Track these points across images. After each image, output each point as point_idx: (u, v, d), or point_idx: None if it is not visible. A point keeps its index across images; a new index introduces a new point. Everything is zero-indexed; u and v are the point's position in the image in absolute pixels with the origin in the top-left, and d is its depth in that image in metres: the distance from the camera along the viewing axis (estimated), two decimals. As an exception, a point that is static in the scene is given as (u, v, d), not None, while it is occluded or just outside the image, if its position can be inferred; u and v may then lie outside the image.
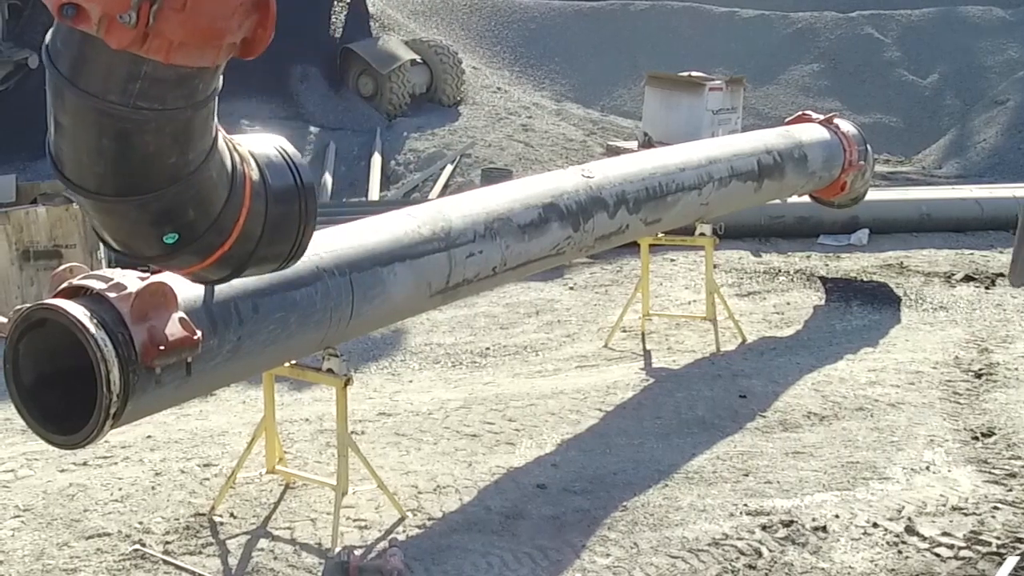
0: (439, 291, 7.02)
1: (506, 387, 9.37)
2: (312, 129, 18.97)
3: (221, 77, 3.48)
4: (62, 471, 7.48)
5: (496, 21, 25.56)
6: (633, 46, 25.39)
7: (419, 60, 20.33)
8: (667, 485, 7.34)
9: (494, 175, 14.70)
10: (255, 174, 4.03)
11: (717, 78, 18.42)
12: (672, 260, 13.46)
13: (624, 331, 10.81)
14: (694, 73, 18.53)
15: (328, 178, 17.28)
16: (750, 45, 25.50)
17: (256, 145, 4.18)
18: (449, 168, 17.67)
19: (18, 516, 6.85)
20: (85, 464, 7.58)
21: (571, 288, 12.73)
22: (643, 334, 10.73)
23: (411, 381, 9.71)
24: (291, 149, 4.32)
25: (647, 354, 10.28)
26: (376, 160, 17.83)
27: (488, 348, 10.58)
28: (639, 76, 22.56)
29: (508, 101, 21.44)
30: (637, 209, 8.87)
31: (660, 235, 10.23)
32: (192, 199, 3.66)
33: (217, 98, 3.51)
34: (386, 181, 17.59)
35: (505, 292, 12.20)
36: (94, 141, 3.33)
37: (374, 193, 16.72)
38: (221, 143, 3.78)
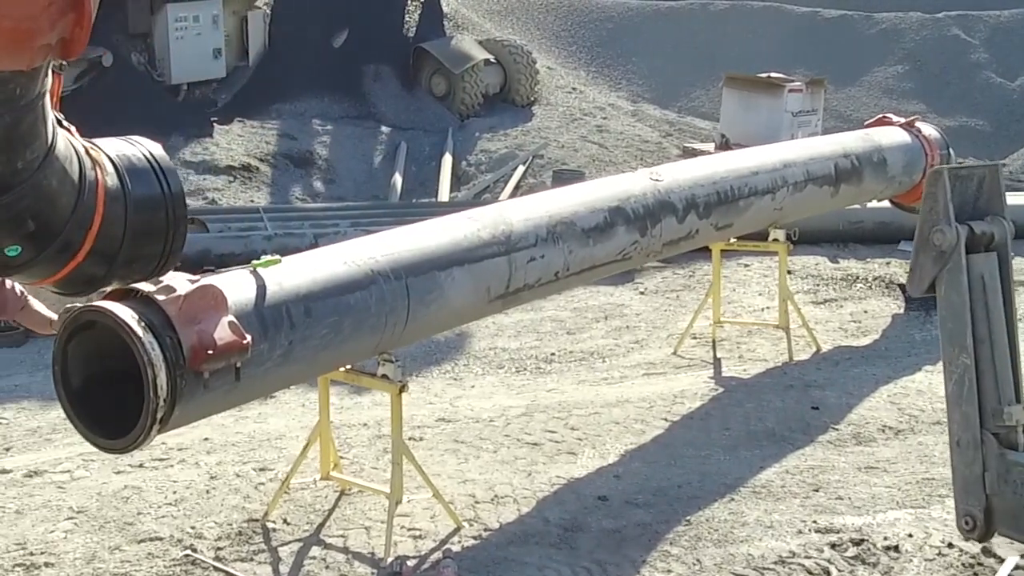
0: (499, 296, 6.86)
1: (570, 394, 9.20)
2: (383, 129, 18.91)
3: (48, 79, 3.31)
4: (118, 473, 7.45)
5: (573, 21, 25.38)
6: (712, 46, 25.07)
7: (493, 60, 20.19)
8: (733, 499, 7.13)
9: (566, 177, 14.49)
10: (111, 180, 3.83)
11: (797, 79, 18.05)
12: (746, 266, 13.19)
13: (694, 338, 10.59)
14: (773, 74, 18.18)
15: (398, 178, 17.21)
16: (832, 46, 25.05)
17: (117, 150, 3.95)
18: (521, 169, 17.51)
19: (72, 518, 6.82)
20: (141, 466, 7.54)
21: (641, 293, 12.52)
22: (714, 341, 10.50)
23: (473, 386, 9.57)
24: (158, 152, 4.10)
25: (717, 362, 10.05)
26: (447, 160, 17.73)
27: (553, 354, 10.41)
28: (718, 77, 22.20)
29: (583, 102, 21.24)
30: (707, 214, 8.63)
31: (732, 240, 9.98)
32: (28, 209, 3.46)
33: (47, 100, 3.33)
34: (456, 182, 17.48)
35: (573, 296, 12.03)
36: None
37: (444, 194, 16.61)
38: (63, 148, 3.58)
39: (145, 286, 4.96)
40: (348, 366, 6.52)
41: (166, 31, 17.88)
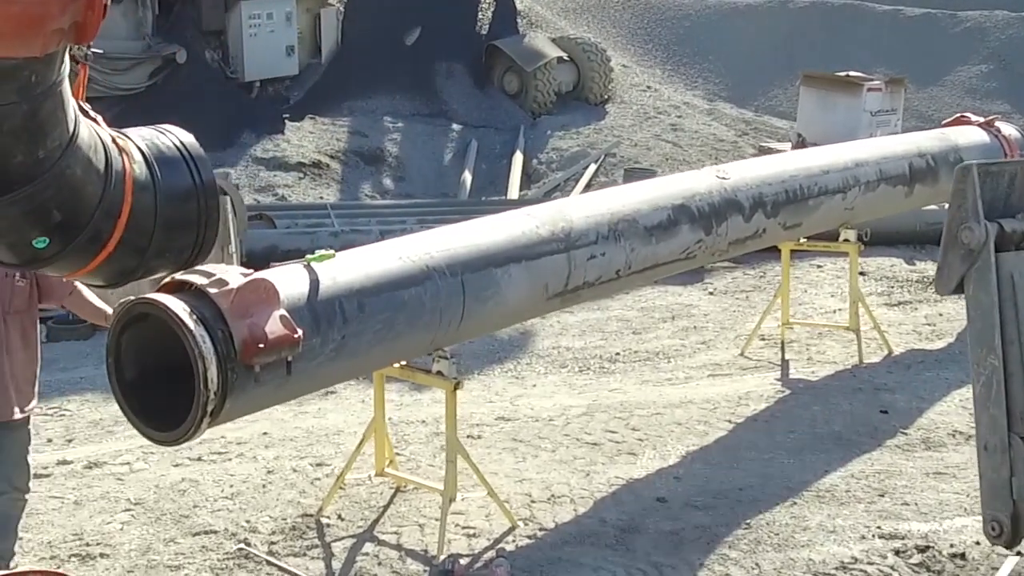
0: (557, 294, 6.77)
1: (633, 394, 9.10)
2: (454, 127, 18.91)
3: (65, 67, 3.28)
4: (176, 466, 7.50)
5: (649, 19, 25.20)
6: (791, 44, 24.72)
7: (566, 57, 20.10)
8: (795, 503, 7.00)
9: (637, 175, 14.34)
10: (140, 169, 3.78)
11: (876, 78, 17.73)
12: (819, 267, 12.98)
13: (762, 339, 10.43)
14: (852, 73, 17.89)
15: (467, 176, 17.20)
16: (914, 45, 24.57)
17: (146, 139, 3.93)
18: (592, 167, 17.41)
19: (129, 510, 6.87)
20: (199, 459, 7.58)
21: (710, 293, 12.38)
22: (782, 343, 10.33)
23: (535, 385, 9.51)
24: (190, 141, 4.04)
25: (785, 364, 9.89)
26: (518, 158, 17.68)
27: (618, 353, 10.32)
28: (796, 75, 21.90)
29: (658, 100, 21.07)
30: (775, 213, 8.47)
31: (802, 240, 9.81)
32: (53, 199, 3.43)
33: (66, 88, 3.31)
34: (527, 180, 17.42)
35: (640, 295, 11.92)
36: None
37: (513, 192, 16.56)
38: (87, 137, 3.55)
39: (198, 279, 4.97)
40: (403, 362, 6.48)
41: (240, 28, 18.05)
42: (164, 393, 5.05)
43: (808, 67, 20.38)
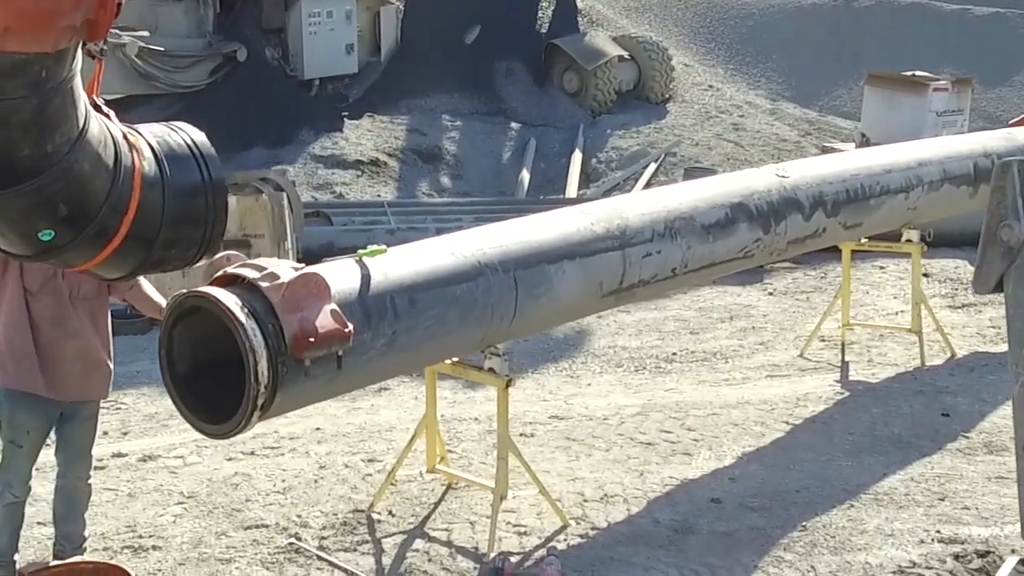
0: (612, 291, 6.69)
1: (689, 395, 9.03)
2: (513, 125, 18.89)
3: (77, 61, 3.27)
4: (229, 460, 7.54)
5: (711, 17, 25.03)
6: (856, 44, 24.45)
7: (627, 56, 20.01)
8: (853, 506, 6.89)
9: (698, 174, 14.23)
10: (149, 166, 3.78)
11: (943, 78, 17.47)
12: (881, 267, 12.82)
13: (822, 340, 10.30)
14: (918, 73, 17.64)
15: (525, 175, 17.16)
16: (983, 44, 24.20)
17: (157, 136, 3.93)
18: (652, 167, 17.32)
19: (181, 503, 6.91)
20: (252, 454, 7.62)
21: (770, 293, 12.26)
22: (842, 344, 10.20)
23: (589, 384, 9.47)
24: (200, 139, 4.04)
25: (845, 366, 9.77)
26: (576, 157, 17.62)
27: (675, 353, 10.24)
28: (861, 75, 21.67)
29: (719, 99, 20.93)
30: (835, 212, 8.33)
31: (863, 240, 9.66)
32: (60, 194, 3.44)
33: (77, 83, 3.31)
34: (585, 179, 17.36)
35: (698, 295, 11.82)
36: None
37: (572, 191, 16.51)
38: (97, 132, 3.55)
39: (250, 273, 4.97)
40: (455, 359, 6.45)
41: (300, 26, 18.16)
42: (216, 386, 5.06)
43: (873, 66, 20.14)
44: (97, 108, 3.66)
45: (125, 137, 3.72)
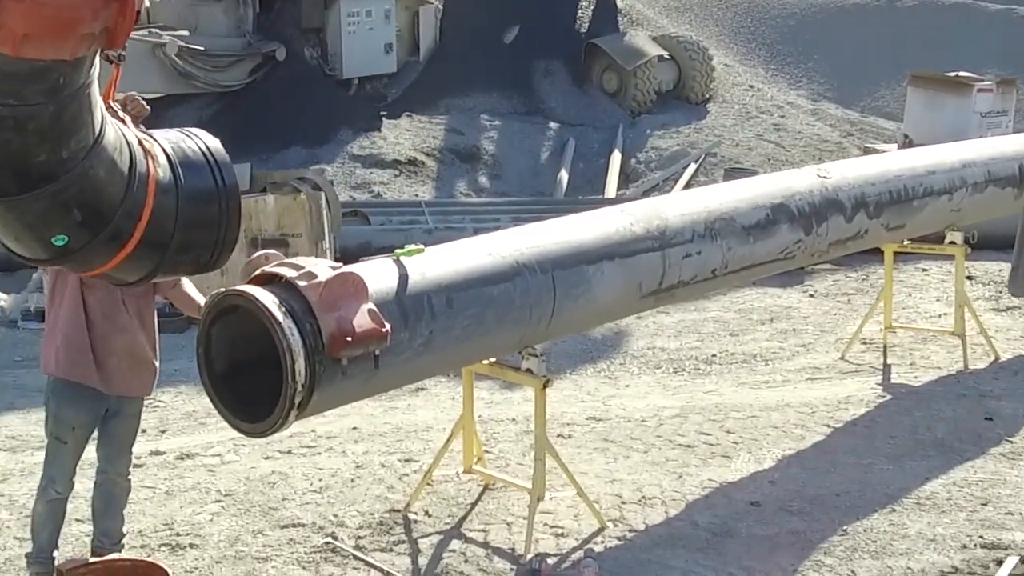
0: (651, 292, 6.65)
1: (728, 397, 8.97)
2: (552, 125, 18.83)
3: (94, 68, 3.28)
4: (266, 458, 7.55)
5: (752, 17, 24.88)
6: (899, 44, 24.20)
7: (667, 56, 19.92)
8: (894, 510, 6.81)
9: (738, 175, 14.15)
10: (163, 172, 3.80)
11: (987, 79, 17.28)
12: (924, 270, 12.69)
13: (864, 343, 10.20)
14: (962, 73, 17.45)
15: (564, 175, 17.12)
16: (1029, 45, 23.91)
17: (172, 142, 3.94)
18: (692, 167, 17.23)
19: (219, 501, 6.93)
20: (289, 452, 7.63)
21: (811, 295, 12.17)
22: (884, 347, 10.08)
23: (628, 386, 9.42)
24: (215, 145, 4.05)
25: (886, 368, 9.66)
26: (616, 157, 17.55)
27: (714, 355, 10.17)
28: (904, 75, 21.44)
29: (760, 99, 20.80)
30: (878, 213, 8.26)
31: (906, 242, 9.56)
32: (74, 199, 3.46)
33: (94, 90, 3.32)
34: (625, 179, 17.29)
35: (738, 297, 11.75)
36: None
37: (611, 191, 16.45)
38: (113, 139, 3.56)
39: (288, 271, 4.97)
40: (492, 359, 6.43)
41: (339, 26, 18.19)
42: (253, 385, 5.06)
43: (916, 67, 19.94)
44: (113, 113, 3.68)
45: (140, 143, 3.74)
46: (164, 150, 3.85)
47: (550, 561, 6.12)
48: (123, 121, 3.73)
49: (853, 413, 8.46)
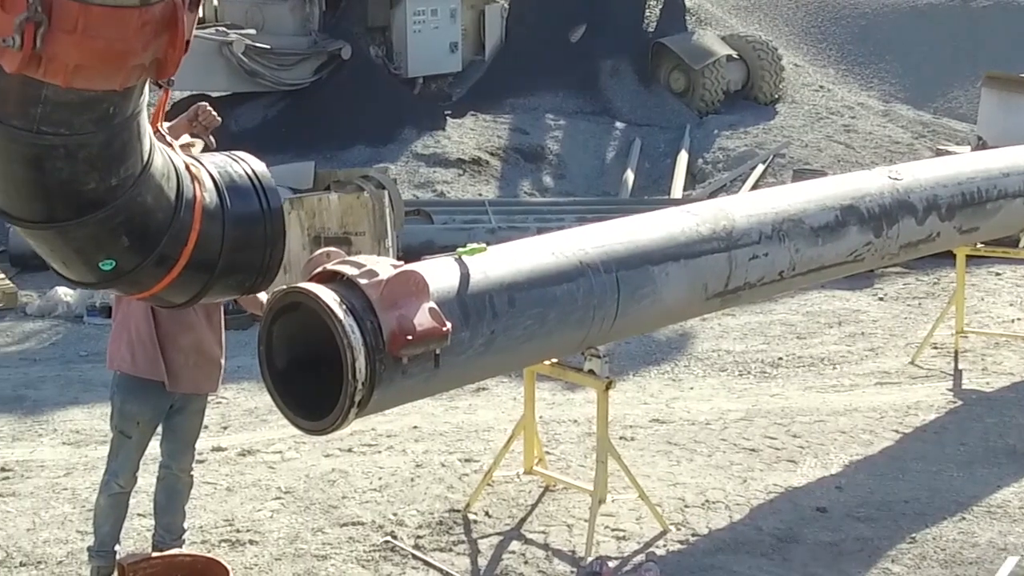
0: (717, 294, 6.56)
1: (795, 400, 8.83)
2: (618, 125, 18.71)
3: (143, 96, 3.31)
4: (327, 456, 7.55)
5: (823, 17, 24.58)
6: (973, 45, 23.81)
7: (735, 56, 19.73)
8: (964, 518, 6.68)
9: (807, 176, 13.97)
10: (210, 197, 3.81)
11: (1063, 79, 16.91)
12: (997, 274, 12.45)
13: (934, 348, 10.01)
14: (1039, 74, 17.11)
15: (630, 175, 17.00)
16: (1110, 45, 23.40)
17: (218, 167, 3.96)
18: (760, 168, 17.04)
19: (279, 498, 6.94)
20: (350, 451, 7.63)
21: (880, 299, 11.98)
22: (956, 352, 9.88)
23: (692, 388, 9.32)
24: (261, 169, 4.06)
25: (958, 374, 9.47)
26: (682, 157, 17.40)
27: (781, 358, 10.04)
28: (978, 77, 21.07)
29: (830, 100, 20.52)
30: (950, 216, 8.09)
31: (979, 245, 9.37)
32: (123, 225, 3.49)
33: (143, 118, 3.35)
34: (691, 180, 17.14)
35: (806, 299, 11.59)
36: (6, 167, 3.24)
37: (677, 191, 16.31)
38: (160, 165, 3.58)
39: (349, 269, 4.95)
40: (554, 360, 6.37)
41: (404, 24, 18.22)
42: (314, 382, 5.05)
43: (990, 67, 19.59)
44: (161, 138, 3.72)
45: (188, 168, 3.78)
46: (211, 175, 3.88)
47: (611, 564, 6.05)
48: (171, 146, 3.78)
49: (923, 419, 8.31)
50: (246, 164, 4.03)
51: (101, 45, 2.94)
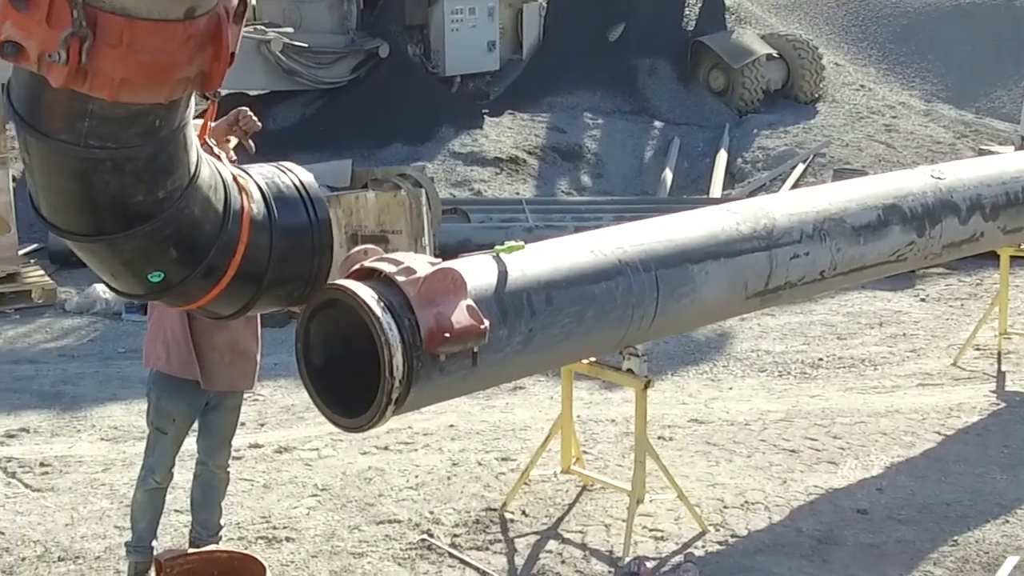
0: (757, 293, 6.49)
1: (835, 401, 8.76)
2: (656, 124, 18.59)
3: (190, 109, 3.31)
4: (363, 454, 7.54)
5: (864, 16, 24.38)
6: (1017, 44, 23.54)
7: (775, 55, 19.58)
8: (1008, 521, 6.59)
9: (848, 176, 13.83)
10: (258, 208, 3.82)
11: (1108, 78, 16.73)
12: (1042, 274, 12.30)
13: (977, 349, 9.90)
14: (1082, 73, 16.91)
15: (668, 174, 16.90)
16: None
17: (266, 178, 3.97)
18: (800, 168, 16.90)
19: (315, 495, 6.94)
20: (386, 448, 7.61)
21: (922, 300, 11.86)
22: (999, 354, 9.77)
23: (731, 388, 9.25)
24: (308, 180, 4.07)
25: (1001, 376, 9.35)
26: (721, 157, 17.28)
27: (821, 359, 9.96)
28: (1021, 76, 20.88)
29: (871, 99, 20.34)
30: (994, 216, 7.98)
31: (1023, 246, 9.24)
32: (171, 237, 3.50)
33: (189, 130, 3.36)
34: (730, 179, 17.01)
35: (846, 300, 11.49)
36: (54, 181, 3.27)
37: (716, 191, 16.19)
38: (208, 177, 3.58)
39: (387, 267, 4.93)
40: (592, 359, 6.33)
41: (442, 23, 18.19)
42: (351, 380, 5.03)
43: (1034, 67, 19.41)
44: (208, 150, 3.73)
45: (235, 179, 3.77)
46: (258, 186, 3.89)
47: (649, 565, 6.02)
48: (218, 157, 3.78)
49: (965, 421, 8.21)
50: (293, 175, 4.05)
51: (146, 59, 2.95)
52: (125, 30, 2.88)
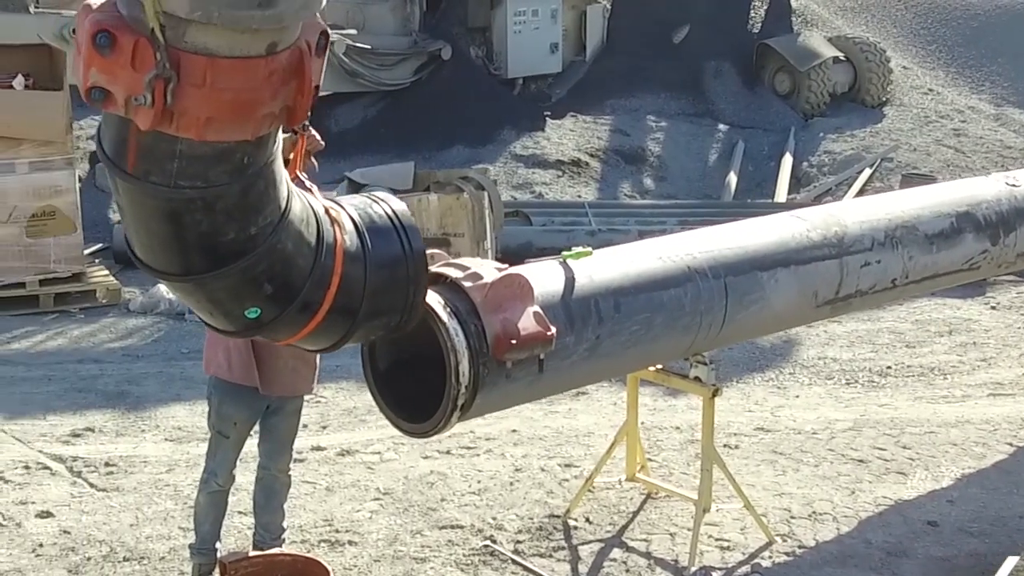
0: (827, 301, 6.39)
1: (904, 411, 8.61)
2: (721, 127, 18.42)
3: (277, 144, 3.29)
4: (425, 458, 7.51)
5: (933, 19, 24.03)
6: (1088, 47, 23.13)
7: (842, 58, 19.33)
8: (1082, 535, 6.42)
9: (916, 181, 13.62)
10: (350, 239, 3.76)
11: None
12: (1120, 284, 12.04)
13: (1050, 359, 9.71)
14: None
15: (732, 177, 16.73)
16: None
17: (358, 208, 3.92)
18: (867, 172, 16.67)
19: (378, 499, 6.92)
20: (448, 453, 7.58)
21: (993, 308, 11.64)
22: (1073, 364, 9.58)
23: (797, 396, 9.12)
24: (401, 209, 4.02)
25: (1075, 386, 9.15)
26: (787, 160, 17.08)
27: (889, 367, 9.79)
28: (1094, 80, 20.47)
29: (940, 103, 20.03)
30: (1071, 223, 7.80)
31: (1098, 253, 9.02)
32: (264, 273, 3.46)
33: (278, 165, 3.33)
34: (796, 183, 16.81)
35: (915, 307, 11.31)
36: (146, 223, 3.27)
37: (781, 195, 16.00)
38: (299, 211, 3.55)
39: (453, 272, 4.89)
40: (658, 366, 6.26)
41: (505, 25, 18.12)
42: (416, 385, 5.00)
43: (1107, 70, 19.01)
44: (300, 183, 3.70)
45: (327, 211, 3.75)
46: (351, 217, 3.85)
47: (715, 575, 5.94)
48: (310, 191, 3.74)
49: (1038, 433, 8.05)
50: (386, 204, 4.00)
51: (230, 96, 2.95)
52: (208, 69, 2.89)
